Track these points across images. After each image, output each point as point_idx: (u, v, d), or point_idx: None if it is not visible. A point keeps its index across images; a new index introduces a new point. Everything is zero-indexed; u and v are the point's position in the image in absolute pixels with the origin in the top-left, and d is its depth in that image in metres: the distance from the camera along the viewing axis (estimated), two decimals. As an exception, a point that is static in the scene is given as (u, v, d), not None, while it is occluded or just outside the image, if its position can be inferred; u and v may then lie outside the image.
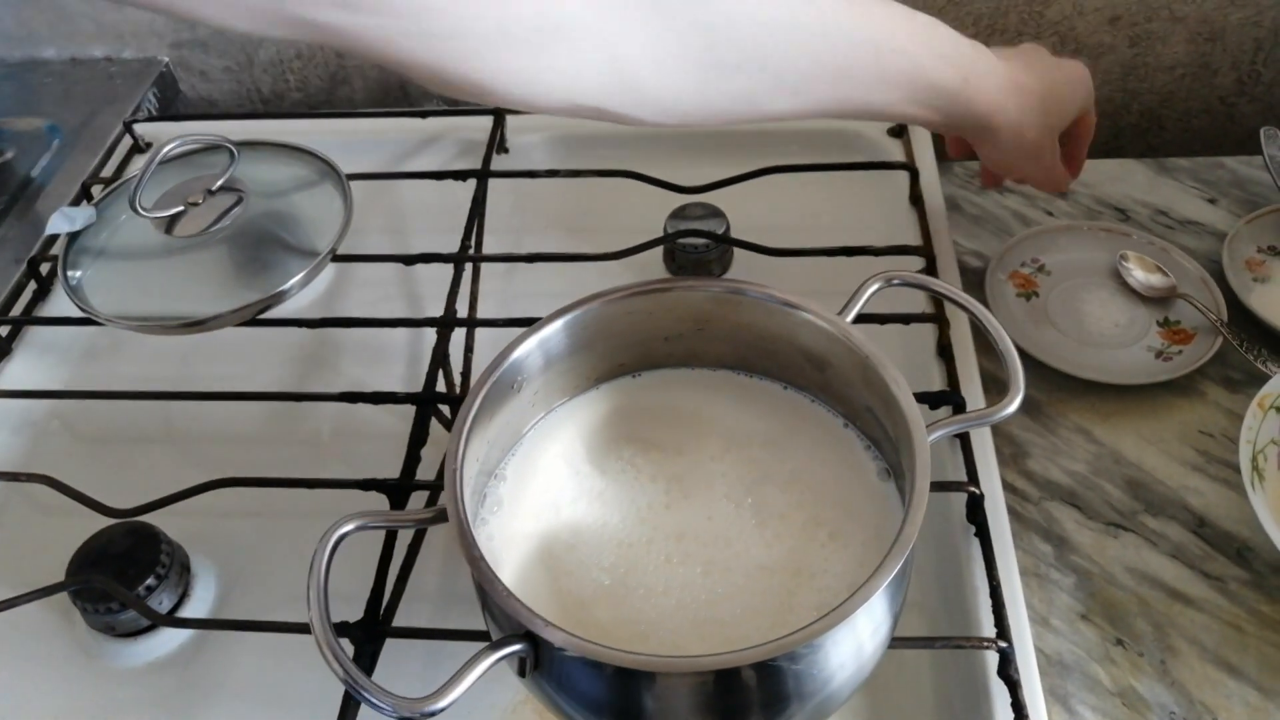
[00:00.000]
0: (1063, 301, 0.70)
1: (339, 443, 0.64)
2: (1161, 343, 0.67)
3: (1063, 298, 0.70)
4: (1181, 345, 0.66)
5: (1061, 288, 0.71)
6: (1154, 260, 0.71)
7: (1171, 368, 0.64)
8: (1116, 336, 0.67)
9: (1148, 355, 0.66)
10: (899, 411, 0.43)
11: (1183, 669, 0.53)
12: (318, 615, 0.37)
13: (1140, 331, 0.68)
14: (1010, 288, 0.71)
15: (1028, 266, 0.72)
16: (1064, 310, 0.69)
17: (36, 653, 0.55)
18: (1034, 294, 0.70)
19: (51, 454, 0.65)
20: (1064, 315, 0.69)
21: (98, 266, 0.66)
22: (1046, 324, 0.68)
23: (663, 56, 0.43)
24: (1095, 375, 0.64)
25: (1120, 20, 0.85)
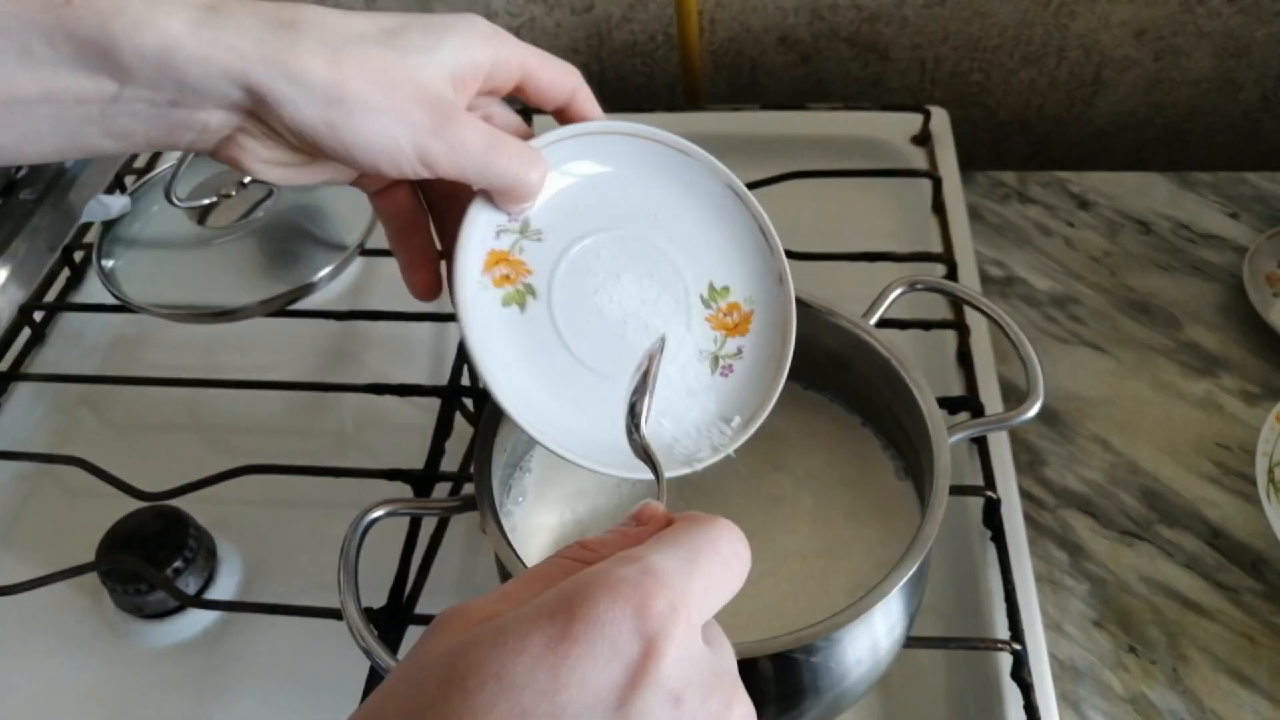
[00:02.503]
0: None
1: (363, 433, 0.65)
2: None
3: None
4: None
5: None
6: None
7: None
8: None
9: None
10: (920, 414, 0.43)
11: (1194, 678, 0.53)
12: (350, 598, 0.38)
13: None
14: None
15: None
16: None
17: (66, 631, 0.56)
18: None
19: (81, 438, 0.66)
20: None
21: (131, 255, 0.67)
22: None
23: None
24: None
25: (1146, 34, 0.86)
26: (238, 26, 0.33)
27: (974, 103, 0.92)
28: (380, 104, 0.34)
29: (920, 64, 0.90)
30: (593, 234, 0.42)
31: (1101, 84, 0.90)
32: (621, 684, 0.23)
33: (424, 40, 0.36)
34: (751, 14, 0.87)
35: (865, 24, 0.87)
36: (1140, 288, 0.72)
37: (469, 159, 0.36)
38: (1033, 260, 0.75)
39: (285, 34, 0.34)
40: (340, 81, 0.34)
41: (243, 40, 0.33)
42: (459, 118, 0.36)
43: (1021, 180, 0.81)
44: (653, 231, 0.43)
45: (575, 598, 0.24)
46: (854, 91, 0.92)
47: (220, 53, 0.32)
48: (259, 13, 0.34)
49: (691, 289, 0.44)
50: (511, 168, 0.38)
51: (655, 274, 0.43)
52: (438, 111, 0.35)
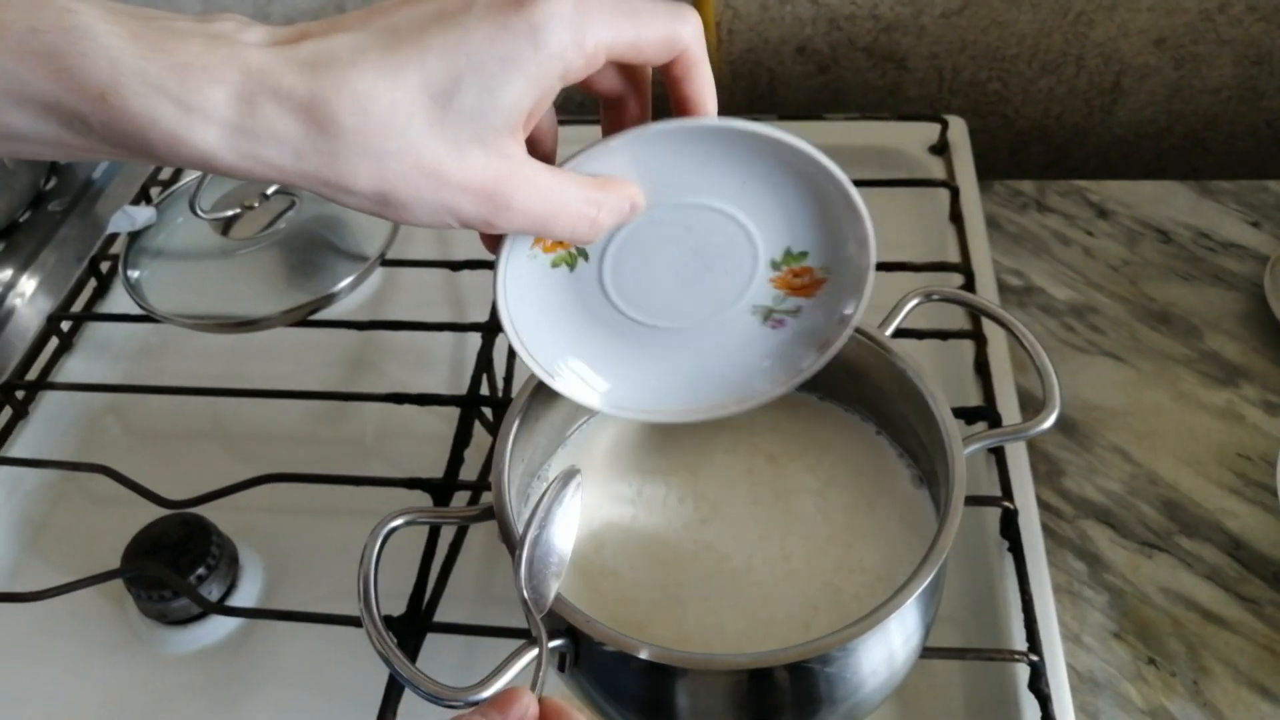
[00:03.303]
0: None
1: (383, 442, 0.66)
2: None
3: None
4: None
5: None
6: None
7: None
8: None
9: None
10: (936, 424, 0.43)
11: (1215, 690, 0.53)
12: (369, 605, 0.38)
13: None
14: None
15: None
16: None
17: (90, 637, 0.57)
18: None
19: (107, 446, 0.67)
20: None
21: (156, 266, 0.68)
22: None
23: None
24: None
25: (1166, 42, 0.85)
26: (273, 134, 0.31)
27: (992, 112, 0.92)
28: (429, 200, 0.33)
29: (938, 73, 0.90)
30: (660, 206, 0.39)
31: (1121, 92, 0.89)
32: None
33: (479, 103, 0.32)
34: (769, 24, 0.87)
35: (883, 34, 0.87)
36: (1160, 297, 0.72)
37: (528, 228, 0.35)
38: (1051, 269, 0.75)
39: (323, 142, 0.31)
40: (383, 189, 0.32)
41: (281, 154, 0.31)
42: (513, 202, 0.34)
43: (1040, 189, 0.81)
44: (726, 204, 0.41)
45: None
46: (872, 101, 0.92)
47: (258, 168, 0.32)
48: (293, 101, 0.31)
49: (762, 254, 0.42)
50: (566, 229, 0.36)
51: (722, 239, 0.41)
52: (489, 202, 0.34)
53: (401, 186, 0.32)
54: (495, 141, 0.33)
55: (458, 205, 0.33)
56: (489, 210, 0.34)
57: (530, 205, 0.34)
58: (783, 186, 0.41)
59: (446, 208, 0.33)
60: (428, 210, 0.33)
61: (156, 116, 0.30)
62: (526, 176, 0.34)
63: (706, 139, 0.38)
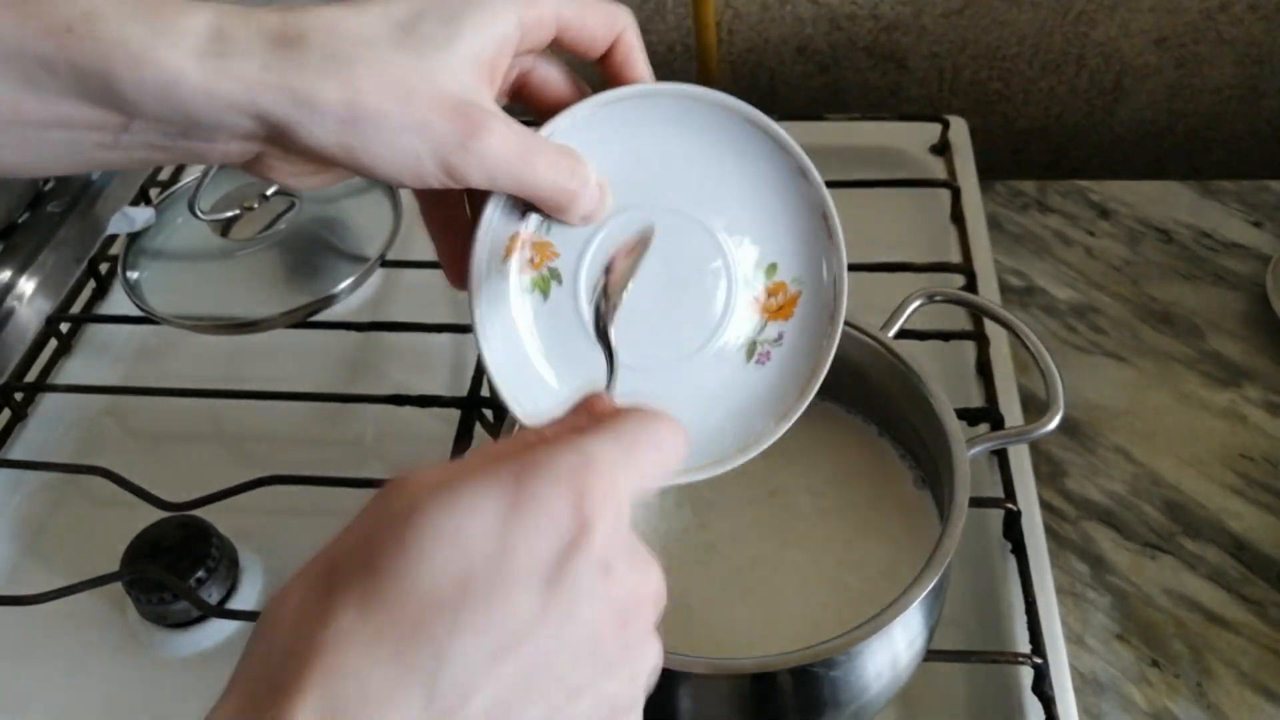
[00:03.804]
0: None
1: (383, 444, 0.66)
2: None
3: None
4: None
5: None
6: None
7: None
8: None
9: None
10: (939, 426, 0.43)
11: (1219, 692, 0.52)
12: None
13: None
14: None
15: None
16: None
17: (90, 640, 0.57)
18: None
19: (105, 448, 0.67)
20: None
21: (155, 267, 0.68)
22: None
23: None
24: None
25: (1167, 42, 0.85)
26: (243, 51, 0.31)
27: (993, 112, 0.92)
28: (399, 120, 0.32)
29: (939, 73, 0.90)
30: (628, 210, 0.39)
31: (1122, 92, 0.89)
32: (558, 554, 0.26)
33: (441, 30, 0.33)
34: (770, 24, 0.87)
35: (883, 33, 0.87)
36: (1162, 297, 0.72)
37: (500, 170, 0.34)
38: (1053, 270, 0.74)
39: (292, 53, 0.31)
40: (353, 99, 0.32)
41: (248, 66, 0.31)
42: (487, 125, 0.33)
43: (1041, 189, 0.81)
44: (695, 204, 0.40)
45: (524, 478, 0.26)
46: (872, 101, 0.92)
47: (226, 83, 0.31)
48: (265, 30, 0.32)
49: (735, 268, 0.41)
50: (548, 177, 0.35)
51: (696, 252, 0.40)
52: (463, 120, 0.33)
53: (370, 99, 0.32)
54: (461, 72, 0.33)
55: (428, 124, 0.32)
56: (463, 133, 0.32)
57: (506, 142, 0.33)
58: (747, 178, 0.40)
59: (417, 128, 0.32)
60: (397, 137, 0.32)
61: (125, 38, 0.30)
62: (499, 116, 0.33)
63: (661, 120, 0.38)
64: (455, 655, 0.25)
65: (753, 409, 0.42)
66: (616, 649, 0.27)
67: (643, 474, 0.29)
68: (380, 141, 0.32)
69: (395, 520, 0.26)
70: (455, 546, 0.25)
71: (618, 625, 0.27)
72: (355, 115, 0.32)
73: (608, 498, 0.27)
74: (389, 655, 0.25)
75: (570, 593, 0.26)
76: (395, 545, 0.26)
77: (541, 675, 0.26)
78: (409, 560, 0.25)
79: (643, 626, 0.28)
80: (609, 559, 0.27)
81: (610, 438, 0.29)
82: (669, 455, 0.30)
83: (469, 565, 0.25)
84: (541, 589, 0.26)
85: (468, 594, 0.25)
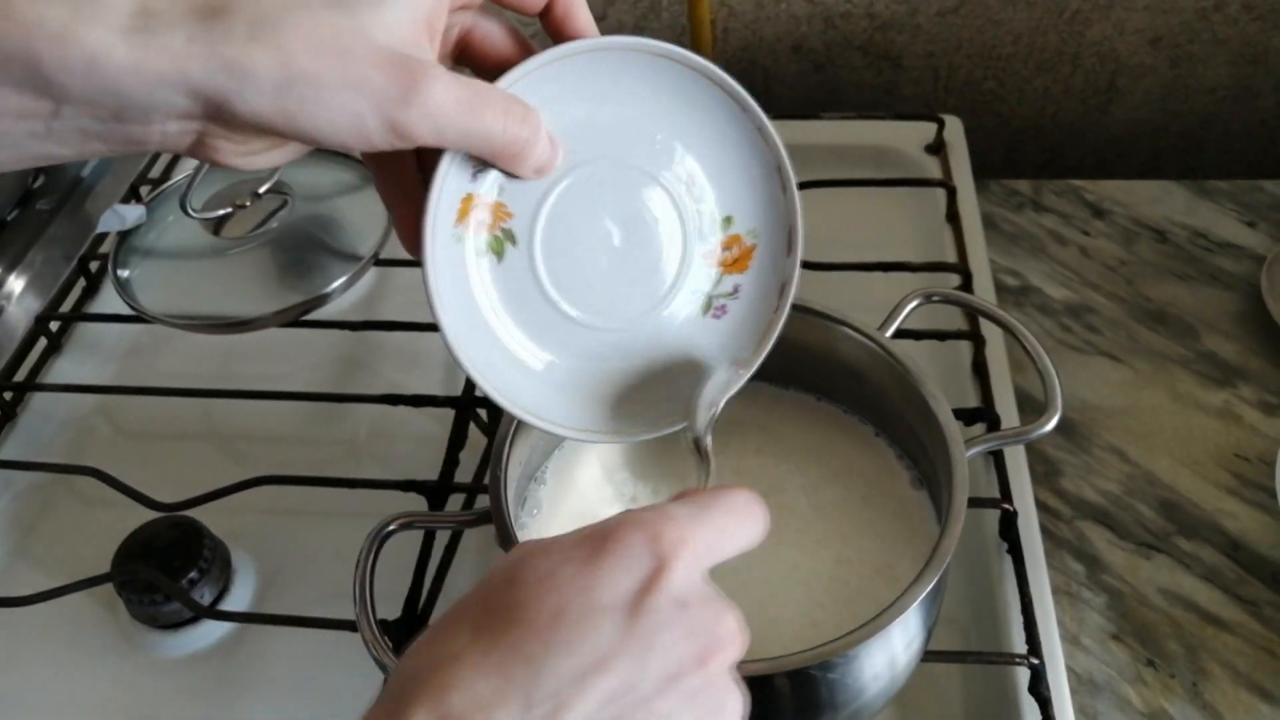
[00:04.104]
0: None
1: (377, 444, 0.65)
2: None
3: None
4: None
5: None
6: None
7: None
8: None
9: None
10: (937, 427, 0.43)
11: (1214, 692, 0.52)
12: (365, 611, 0.38)
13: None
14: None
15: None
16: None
17: (81, 641, 0.56)
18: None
19: (96, 448, 0.66)
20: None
21: (146, 265, 0.68)
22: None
23: None
24: None
25: (1162, 41, 0.85)
26: (167, 24, 0.30)
27: (988, 111, 0.92)
28: (335, 79, 0.31)
29: (934, 72, 0.89)
30: (582, 166, 0.38)
31: (1116, 91, 0.89)
32: (638, 588, 0.29)
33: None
34: (764, 23, 0.87)
35: (878, 32, 0.87)
36: (1157, 297, 0.72)
37: (447, 123, 0.33)
38: (1048, 269, 0.74)
39: (218, 21, 0.30)
40: (286, 62, 0.30)
41: (174, 39, 0.30)
42: (429, 76, 0.32)
43: (1036, 189, 0.81)
44: (649, 159, 0.40)
45: (607, 528, 0.31)
46: (867, 100, 0.92)
47: (152, 57, 0.30)
48: (189, 1, 0.30)
49: (689, 220, 0.41)
50: (497, 126, 0.34)
51: (650, 207, 0.40)
52: (403, 74, 0.31)
53: (303, 60, 0.30)
54: (396, 28, 0.32)
55: (367, 80, 0.31)
56: (403, 86, 0.31)
57: (450, 92, 0.32)
58: (701, 131, 0.40)
59: (355, 87, 0.31)
60: (336, 97, 0.31)
61: (45, 18, 0.29)
62: (440, 68, 0.32)
63: (611, 75, 0.38)
64: (548, 671, 0.28)
65: (705, 370, 0.42)
66: (698, 683, 0.30)
67: (718, 532, 0.32)
68: (319, 104, 0.31)
69: (506, 567, 0.31)
70: (550, 584, 0.30)
71: (697, 659, 0.30)
72: (290, 78, 0.30)
73: (682, 543, 0.30)
74: (493, 669, 0.28)
75: (649, 623, 0.29)
76: (504, 585, 0.30)
77: (627, 698, 0.29)
78: (514, 596, 0.30)
79: (722, 665, 0.31)
80: (685, 597, 0.30)
81: (689, 501, 0.32)
82: (746, 521, 0.33)
83: (561, 599, 0.29)
84: (624, 618, 0.29)
85: (560, 622, 0.29)
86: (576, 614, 0.29)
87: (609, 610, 0.29)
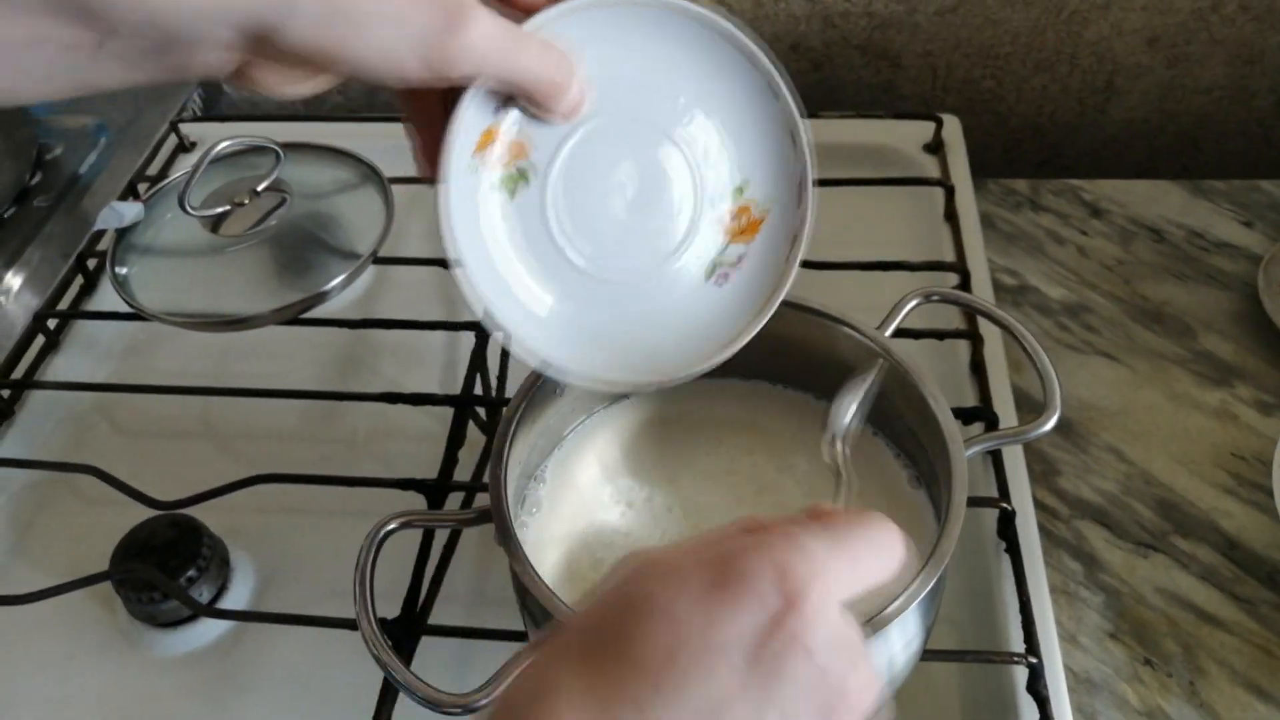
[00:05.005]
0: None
1: (376, 442, 0.65)
2: None
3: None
4: None
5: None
6: None
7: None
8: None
9: None
10: (936, 427, 0.43)
11: (1212, 691, 0.53)
12: (365, 610, 0.38)
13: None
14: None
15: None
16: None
17: (79, 640, 0.56)
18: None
19: (94, 446, 0.66)
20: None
21: (144, 263, 0.68)
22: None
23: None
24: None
25: (1159, 42, 0.85)
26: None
27: (986, 110, 0.92)
28: (378, 12, 0.31)
29: (932, 71, 0.89)
30: (603, 115, 0.39)
31: (1114, 91, 0.89)
32: (761, 630, 0.27)
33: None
34: (763, 21, 0.87)
35: (877, 31, 0.87)
36: (1154, 296, 0.72)
37: (486, 62, 0.33)
38: (1045, 269, 0.75)
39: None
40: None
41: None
42: (471, 14, 0.32)
43: (1034, 188, 0.81)
44: (669, 119, 0.40)
45: (731, 555, 0.28)
46: (866, 99, 0.92)
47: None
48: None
49: (704, 184, 0.41)
50: (534, 68, 0.35)
51: (665, 167, 0.40)
52: (446, 11, 0.32)
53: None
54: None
55: (410, 16, 0.31)
56: (445, 23, 0.32)
57: (491, 31, 0.33)
58: (723, 94, 0.40)
59: (397, 19, 0.31)
60: (378, 29, 0.31)
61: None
62: (481, 11, 0.33)
63: (641, 30, 0.38)
64: (663, 713, 0.26)
65: (705, 329, 0.42)
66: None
67: (855, 568, 0.29)
68: (362, 37, 0.31)
69: (623, 584, 0.28)
70: (665, 618, 0.27)
71: (819, 716, 0.27)
72: (334, 10, 0.31)
73: (814, 579, 0.27)
74: (597, 709, 0.26)
75: (770, 672, 0.26)
76: (619, 609, 0.28)
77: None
78: (625, 626, 0.27)
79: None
80: (812, 643, 0.27)
81: (823, 530, 0.29)
82: (883, 554, 0.30)
83: (675, 636, 0.26)
84: (743, 665, 0.26)
85: (673, 664, 0.26)
86: (692, 655, 0.26)
87: (727, 652, 0.26)
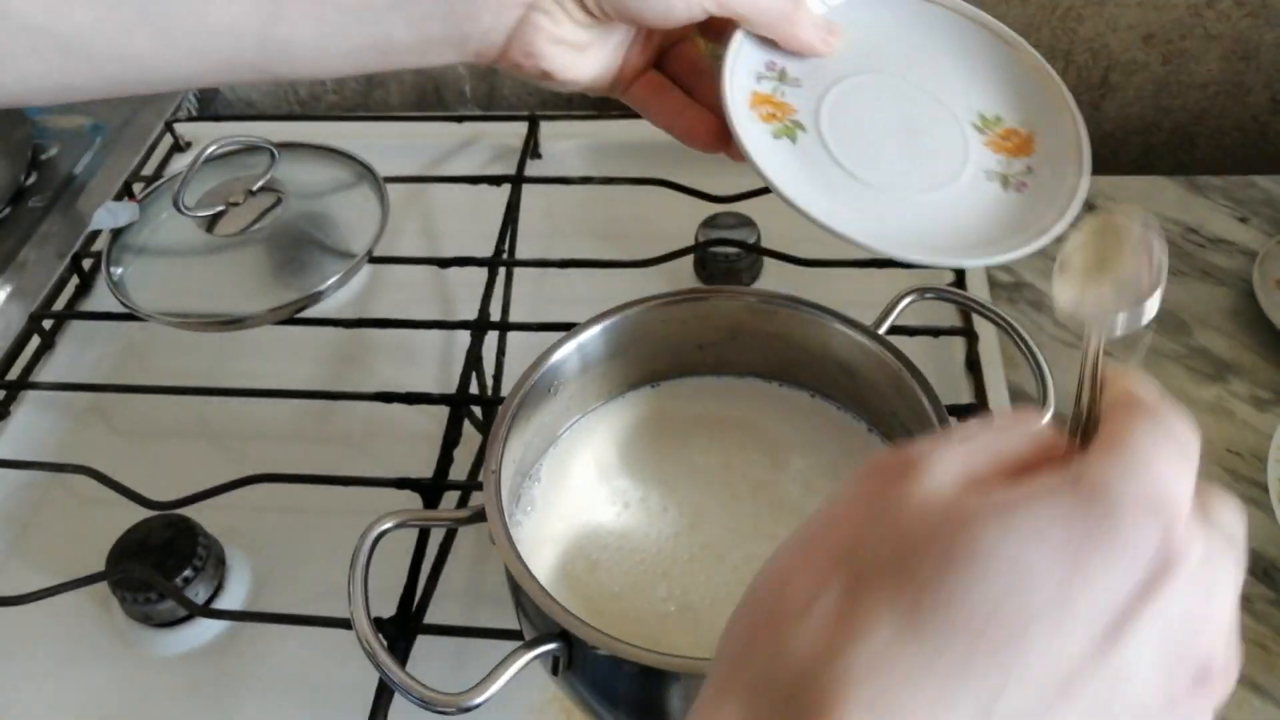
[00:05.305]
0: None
1: (371, 441, 0.65)
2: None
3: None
4: None
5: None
6: None
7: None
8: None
9: None
10: (931, 424, 0.43)
11: (1207, 687, 0.53)
12: (360, 610, 0.38)
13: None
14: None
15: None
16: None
17: (75, 640, 0.56)
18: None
19: (90, 446, 0.66)
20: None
21: (139, 263, 0.68)
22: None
23: None
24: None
25: (1154, 38, 0.85)
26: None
27: (981, 107, 0.92)
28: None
29: (927, 68, 0.89)
30: (851, 77, 0.45)
31: (1109, 87, 0.89)
32: (1133, 596, 0.22)
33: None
34: (758, 19, 0.87)
35: (872, 28, 0.87)
36: (1150, 293, 0.72)
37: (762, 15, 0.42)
38: (1041, 265, 0.74)
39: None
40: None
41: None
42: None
43: (1030, 185, 0.81)
44: (911, 75, 0.46)
45: (1107, 496, 0.22)
46: (861, 96, 0.92)
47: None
48: None
49: (962, 118, 0.46)
50: (805, 36, 0.43)
51: (920, 108, 0.45)
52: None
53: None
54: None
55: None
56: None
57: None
58: (962, 56, 0.47)
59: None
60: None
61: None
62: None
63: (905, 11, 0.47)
64: (1004, 705, 0.21)
65: (1005, 227, 0.44)
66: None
67: (1231, 535, 0.25)
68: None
69: (941, 531, 0.23)
70: (1017, 576, 0.22)
71: (1167, 702, 0.23)
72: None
73: (1193, 540, 0.23)
74: (932, 694, 0.21)
75: (1133, 643, 0.22)
76: (944, 562, 0.22)
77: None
78: (962, 584, 0.22)
79: (1205, 711, 0.24)
80: (1188, 613, 0.23)
81: (1170, 462, 0.24)
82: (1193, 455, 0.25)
83: (1028, 601, 0.22)
84: (1102, 632, 0.22)
85: (1027, 635, 0.21)
86: (1047, 625, 0.22)
87: (1085, 623, 0.22)
